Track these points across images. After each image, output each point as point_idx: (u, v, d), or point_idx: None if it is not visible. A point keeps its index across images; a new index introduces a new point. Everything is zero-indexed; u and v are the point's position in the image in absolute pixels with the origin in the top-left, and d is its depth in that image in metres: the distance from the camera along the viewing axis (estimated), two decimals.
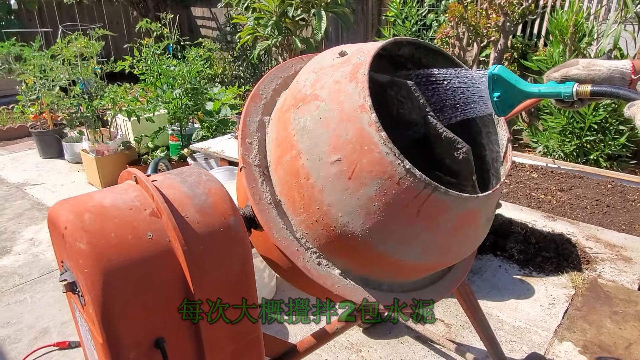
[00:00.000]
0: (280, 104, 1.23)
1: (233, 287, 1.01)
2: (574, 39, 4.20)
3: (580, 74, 1.12)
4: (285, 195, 1.12)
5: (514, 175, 4.22)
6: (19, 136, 5.89)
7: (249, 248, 1.04)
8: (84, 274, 0.81)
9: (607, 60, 1.14)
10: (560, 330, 2.31)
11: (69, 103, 4.19)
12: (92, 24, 7.10)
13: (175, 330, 0.94)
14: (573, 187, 3.92)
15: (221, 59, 7.67)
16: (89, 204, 0.89)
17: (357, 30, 6.55)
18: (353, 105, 1.01)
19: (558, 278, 2.72)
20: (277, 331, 2.33)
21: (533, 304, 2.50)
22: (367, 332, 2.30)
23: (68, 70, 4.16)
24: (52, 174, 4.63)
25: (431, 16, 5.88)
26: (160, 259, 0.89)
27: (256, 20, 5.06)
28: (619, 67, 1.11)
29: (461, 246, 1.17)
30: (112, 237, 0.85)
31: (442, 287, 1.33)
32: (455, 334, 2.30)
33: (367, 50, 1.09)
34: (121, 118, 4.56)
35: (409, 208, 0.99)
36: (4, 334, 2.36)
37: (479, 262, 2.87)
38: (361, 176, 0.99)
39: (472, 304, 1.81)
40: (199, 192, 1.00)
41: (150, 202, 0.94)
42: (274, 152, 1.16)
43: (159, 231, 0.90)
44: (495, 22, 4.64)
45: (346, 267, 1.14)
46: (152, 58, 4.38)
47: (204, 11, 8.90)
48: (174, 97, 4.21)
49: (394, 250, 1.06)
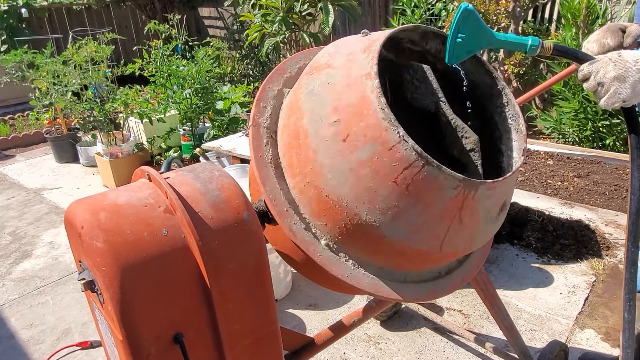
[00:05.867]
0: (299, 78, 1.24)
1: (249, 280, 1.01)
2: (586, 21, 4.12)
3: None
4: (285, 156, 1.13)
5: (529, 163, 4.16)
6: (35, 142, 5.97)
7: (263, 242, 1.04)
8: (102, 272, 0.82)
9: (634, 52, 1.12)
10: (582, 318, 2.28)
11: (82, 107, 4.24)
12: (102, 29, 7.16)
13: (193, 324, 0.94)
14: (590, 173, 3.86)
15: (229, 58, 7.69)
16: (104, 203, 0.90)
17: (364, 22, 6.51)
18: (360, 72, 1.02)
19: (577, 265, 2.68)
20: (294, 325, 2.34)
21: (552, 292, 2.47)
22: (385, 325, 2.30)
23: (80, 75, 4.21)
24: (68, 178, 4.70)
25: (439, 5, 5.82)
26: (176, 254, 0.89)
27: (263, 17, 5.06)
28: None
29: (457, 235, 1.09)
30: (128, 235, 0.85)
31: (457, 277, 1.32)
32: (474, 324, 2.28)
33: (387, 31, 1.09)
34: (133, 120, 4.61)
35: (399, 179, 0.97)
36: (28, 335, 2.41)
37: (496, 252, 2.84)
38: (355, 140, 0.99)
39: (489, 292, 1.80)
40: (212, 187, 1.00)
41: (164, 199, 0.94)
42: (283, 116, 1.18)
43: (174, 227, 0.91)
44: (505, 8, 4.57)
45: (332, 237, 1.11)
46: (161, 59, 4.41)
47: (211, 11, 8.92)
48: (184, 98, 4.24)
49: (380, 225, 1.02)
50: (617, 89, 1.09)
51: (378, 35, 1.10)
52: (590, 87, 1.13)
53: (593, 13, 4.08)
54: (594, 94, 1.13)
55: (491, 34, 1.06)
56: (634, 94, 1.09)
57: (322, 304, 2.48)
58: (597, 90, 1.12)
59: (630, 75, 1.08)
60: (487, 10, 4.64)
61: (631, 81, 1.08)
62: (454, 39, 1.04)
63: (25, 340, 2.38)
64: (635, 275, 1.20)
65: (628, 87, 1.08)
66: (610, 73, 1.09)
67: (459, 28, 1.03)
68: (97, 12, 9.07)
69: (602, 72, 1.10)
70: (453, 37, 1.04)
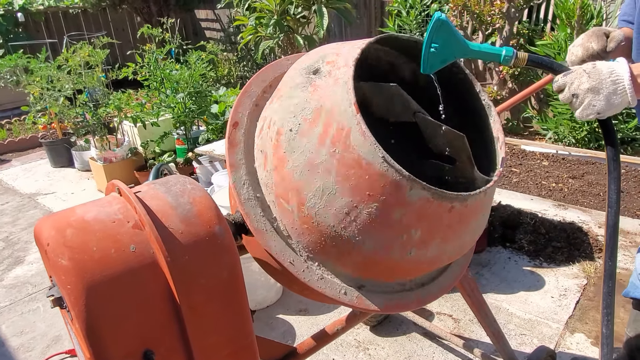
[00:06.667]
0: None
1: (222, 293, 1.00)
2: (581, 21, 4.11)
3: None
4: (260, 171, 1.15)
5: (524, 164, 4.15)
6: (31, 146, 5.98)
7: (237, 254, 1.03)
8: (67, 290, 0.81)
9: (608, 64, 1.10)
10: (572, 322, 2.27)
11: (74, 112, 4.24)
12: (98, 32, 7.16)
13: (164, 341, 0.94)
14: (585, 174, 3.85)
15: (226, 60, 7.68)
16: (72, 219, 0.89)
17: (360, 24, 6.50)
18: (340, 107, 1.00)
19: (569, 268, 2.67)
20: (284, 331, 2.33)
21: (544, 296, 2.46)
22: (375, 330, 2.29)
23: (73, 80, 4.21)
24: (63, 183, 4.70)
25: (434, 6, 5.81)
26: (144, 271, 0.89)
27: (257, 20, 5.05)
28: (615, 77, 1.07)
29: (428, 247, 1.06)
30: (94, 252, 0.85)
31: (437, 286, 1.30)
32: (464, 329, 2.27)
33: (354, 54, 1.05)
34: (128, 124, 4.60)
35: (358, 177, 0.97)
36: (18, 342, 2.41)
37: (488, 255, 2.83)
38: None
39: (476, 299, 1.79)
40: (184, 201, 1.00)
41: (133, 214, 0.94)
42: (259, 135, 1.19)
43: (143, 243, 0.90)
44: (500, 9, 4.56)
45: (308, 249, 1.11)
46: (155, 63, 4.40)
47: (208, 13, 8.92)
48: (177, 102, 4.23)
49: (336, 229, 1.02)
50: (591, 100, 1.07)
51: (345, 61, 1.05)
52: (565, 98, 1.11)
53: (587, 13, 4.07)
54: (569, 105, 1.12)
55: (465, 44, 1.05)
56: (608, 106, 1.07)
57: (312, 309, 2.47)
58: (572, 102, 1.11)
59: (604, 87, 1.06)
60: (482, 11, 4.63)
61: (605, 93, 1.06)
62: (427, 49, 1.03)
63: (15, 347, 2.37)
64: (612, 290, 1.18)
65: (602, 99, 1.07)
66: (584, 85, 1.08)
67: (432, 38, 1.02)
68: (94, 16, 9.06)
69: (577, 84, 1.09)
70: (427, 46, 1.03)
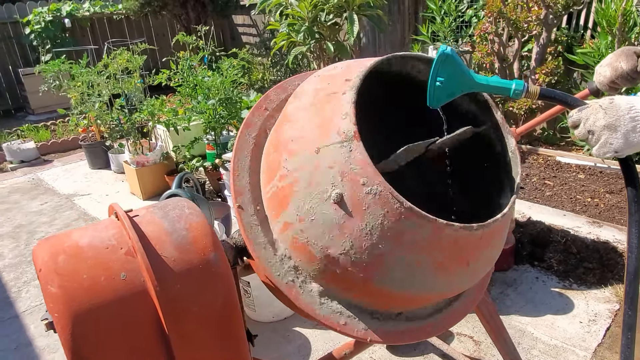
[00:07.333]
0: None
1: (216, 322, 1.00)
2: (622, 29, 3.90)
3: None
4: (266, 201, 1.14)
5: (558, 177, 3.99)
6: (72, 148, 6.23)
7: (232, 282, 1.02)
8: (55, 318, 0.83)
9: (627, 99, 1.02)
10: (601, 350, 2.15)
11: (110, 117, 4.39)
12: (140, 38, 7.38)
13: None
14: (624, 189, 3.63)
15: (260, 65, 7.77)
16: (66, 245, 0.91)
17: (393, 30, 6.42)
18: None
19: (601, 291, 2.53)
20: (299, 345, 2.32)
21: (572, 320, 2.34)
22: (391, 349, 2.24)
23: (110, 85, 4.36)
24: (99, 185, 4.87)
25: (470, 12, 5.68)
26: (133, 299, 0.89)
27: (289, 26, 5.08)
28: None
29: (427, 276, 1.03)
30: (84, 280, 0.86)
31: (449, 315, 1.26)
32: (485, 352, 2.19)
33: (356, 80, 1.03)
34: (161, 129, 4.72)
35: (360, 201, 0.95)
36: (44, 343, 2.50)
37: (514, 274, 2.73)
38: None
39: (495, 324, 1.73)
40: (179, 227, 1.00)
41: (127, 240, 0.95)
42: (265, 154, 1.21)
43: (134, 271, 0.91)
44: (537, 15, 4.40)
45: (308, 274, 1.10)
46: (188, 70, 4.50)
47: (245, 18, 9.05)
48: (208, 107, 4.30)
49: (334, 252, 1.01)
50: (607, 138, 0.99)
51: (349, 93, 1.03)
52: (581, 134, 1.03)
53: (630, 20, 3.87)
54: (586, 142, 1.05)
55: (471, 78, 1.02)
56: (627, 145, 0.98)
57: None
58: (588, 139, 1.02)
59: (622, 124, 0.97)
60: (518, 18, 4.48)
61: (623, 131, 0.97)
62: (433, 83, 1.01)
63: (42, 348, 2.47)
64: (632, 342, 1.10)
65: (620, 136, 0.98)
66: (600, 121, 0.99)
67: (437, 72, 1.00)
68: (136, 22, 9.36)
69: (592, 120, 1.01)
70: (432, 80, 1.01)
